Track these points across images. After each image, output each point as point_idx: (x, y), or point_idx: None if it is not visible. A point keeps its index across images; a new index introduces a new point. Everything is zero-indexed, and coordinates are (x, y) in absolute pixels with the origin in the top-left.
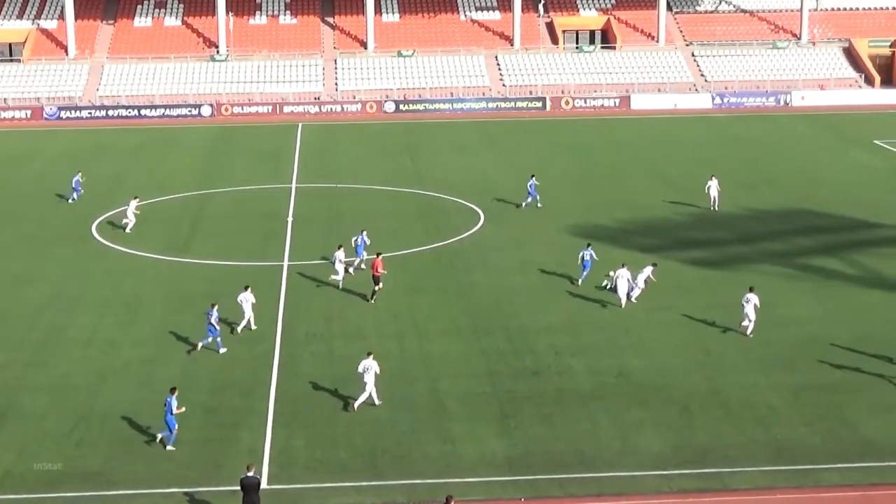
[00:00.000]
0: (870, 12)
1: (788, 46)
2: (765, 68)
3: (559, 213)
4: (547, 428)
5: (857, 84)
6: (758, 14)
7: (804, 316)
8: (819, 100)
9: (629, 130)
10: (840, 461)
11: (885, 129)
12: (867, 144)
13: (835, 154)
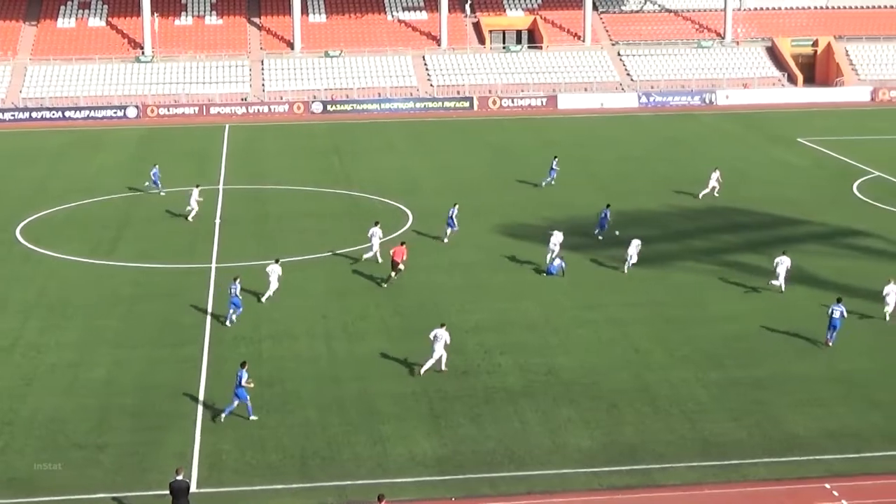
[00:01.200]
0: (792, 12)
1: (713, 46)
2: (690, 67)
3: (487, 213)
4: (477, 427)
5: (781, 83)
6: (682, 14)
7: (732, 313)
8: (743, 98)
9: (556, 130)
10: (766, 456)
11: (807, 127)
12: (791, 142)
13: (759, 152)
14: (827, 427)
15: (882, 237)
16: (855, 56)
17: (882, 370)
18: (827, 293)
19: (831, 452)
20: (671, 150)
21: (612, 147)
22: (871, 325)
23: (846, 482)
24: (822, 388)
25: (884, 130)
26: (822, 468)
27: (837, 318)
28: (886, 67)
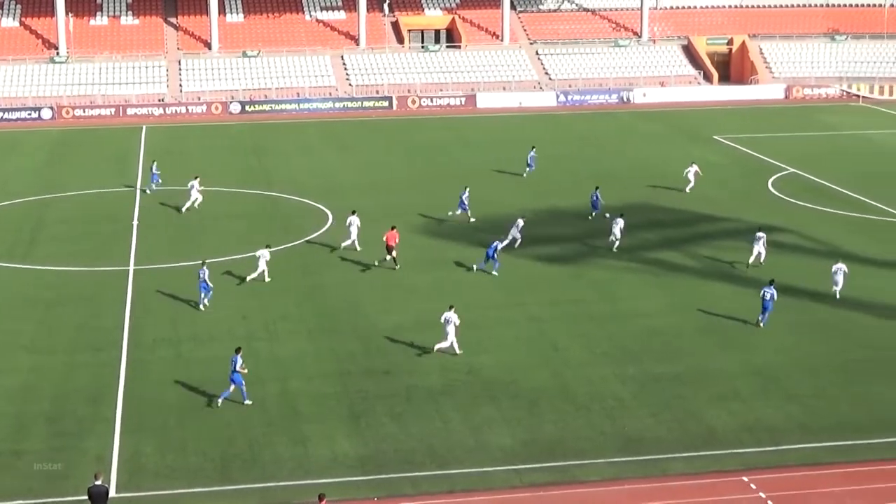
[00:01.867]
0: (707, 10)
1: (630, 45)
2: (607, 66)
3: (408, 213)
4: (398, 426)
5: (697, 81)
6: (599, 13)
7: (649, 309)
8: (660, 97)
9: (476, 129)
10: (685, 450)
11: (723, 124)
12: (707, 140)
13: (676, 150)
14: (744, 421)
15: (796, 232)
16: (769, 54)
17: (798, 364)
18: (743, 288)
19: (749, 446)
20: (589, 149)
21: (530, 145)
22: (787, 319)
23: (763, 475)
24: (739, 382)
25: (797, 127)
26: (740, 461)
27: (769, 301)
28: (800, 65)
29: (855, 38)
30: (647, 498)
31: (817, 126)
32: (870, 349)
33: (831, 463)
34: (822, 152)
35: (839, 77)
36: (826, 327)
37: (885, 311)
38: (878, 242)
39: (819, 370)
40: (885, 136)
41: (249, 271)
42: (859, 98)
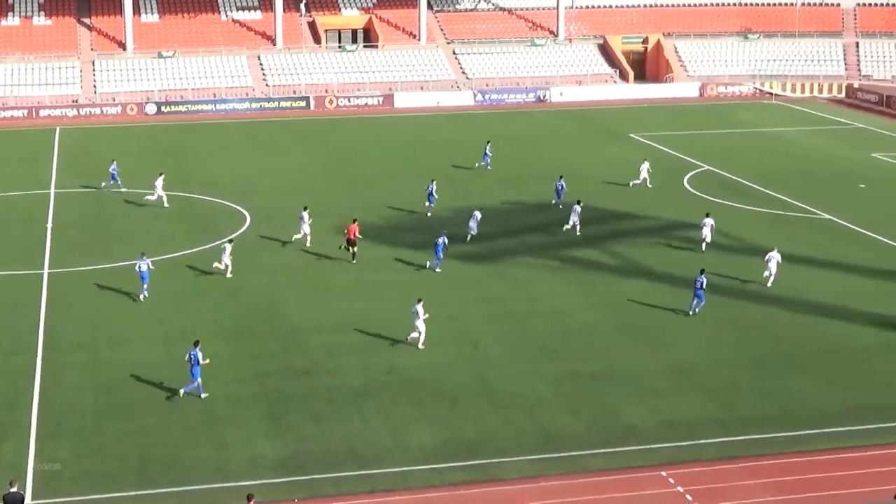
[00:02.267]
0: (622, 10)
1: (546, 44)
2: (524, 65)
3: (327, 213)
4: (318, 427)
5: (613, 79)
6: (516, 12)
7: (567, 307)
8: (577, 95)
9: (394, 128)
10: (604, 447)
11: (639, 123)
12: (623, 138)
13: (593, 148)
14: (662, 416)
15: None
16: (684, 53)
17: (714, 359)
18: (662, 285)
19: (667, 441)
20: (507, 148)
21: (448, 145)
22: (703, 315)
23: (681, 469)
24: (656, 378)
25: (712, 125)
26: (659, 457)
27: (701, 290)
28: (714, 64)
29: (767, 37)
30: (566, 494)
31: (731, 123)
32: (783, 344)
33: (746, 456)
34: (737, 149)
35: (752, 75)
36: (740, 322)
37: (798, 306)
38: (791, 238)
39: (734, 365)
40: (797, 132)
41: (166, 273)
42: (772, 96)
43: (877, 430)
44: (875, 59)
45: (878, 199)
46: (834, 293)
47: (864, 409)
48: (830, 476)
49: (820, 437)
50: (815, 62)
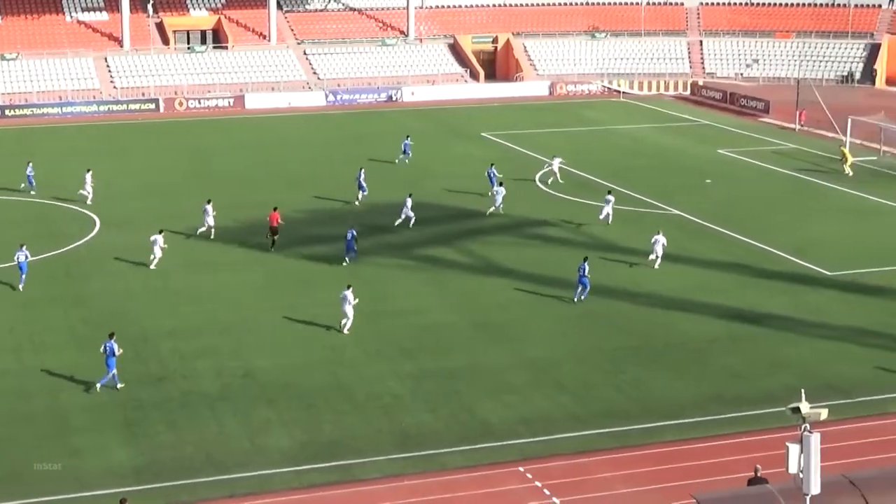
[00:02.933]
0: (472, 10)
1: (397, 44)
2: (375, 65)
3: (179, 216)
4: (174, 434)
5: (464, 79)
6: (366, 12)
7: (422, 305)
8: (428, 95)
9: (246, 130)
10: (462, 444)
11: (490, 121)
12: (475, 137)
13: (445, 147)
14: (518, 412)
15: (562, 226)
16: (533, 52)
17: (568, 355)
18: (514, 282)
19: (524, 437)
20: (360, 148)
21: (301, 146)
22: (556, 312)
23: (538, 464)
24: (512, 375)
25: (562, 123)
26: (516, 452)
27: (585, 278)
28: (563, 63)
29: (614, 36)
30: (426, 492)
31: (581, 121)
32: (635, 338)
33: (602, 449)
34: (586, 147)
35: (600, 73)
36: (594, 318)
37: (648, 300)
38: (641, 233)
39: (587, 359)
40: (644, 130)
41: (14, 281)
42: (620, 94)
43: (727, 419)
44: (719, 57)
45: (724, 194)
46: (683, 287)
47: (715, 399)
48: (684, 466)
49: (673, 428)
50: (661, 60)
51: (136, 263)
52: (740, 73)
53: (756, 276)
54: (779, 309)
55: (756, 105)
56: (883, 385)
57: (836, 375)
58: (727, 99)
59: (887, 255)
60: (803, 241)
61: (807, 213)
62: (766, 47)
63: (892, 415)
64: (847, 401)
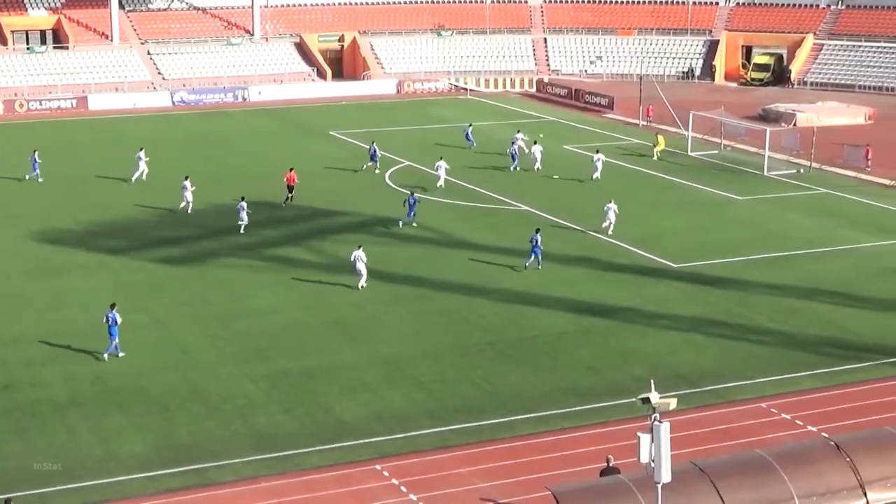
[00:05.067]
0: (317, 8)
1: (242, 43)
2: (221, 65)
3: (20, 220)
4: (23, 442)
5: (311, 77)
6: (210, 11)
7: (275, 306)
8: (276, 94)
9: (89, 131)
10: (318, 444)
11: (339, 120)
12: (323, 135)
13: (294, 146)
14: (374, 410)
15: (415, 224)
16: (380, 50)
17: (422, 352)
18: (367, 281)
19: (380, 434)
20: (208, 148)
21: (146, 147)
22: (408, 309)
23: (395, 461)
24: (367, 373)
25: (409, 121)
26: (372, 450)
27: (537, 247)
28: (410, 61)
29: (460, 34)
30: (283, 494)
31: (429, 119)
32: (488, 333)
33: (458, 445)
34: (435, 144)
35: (447, 71)
36: (446, 314)
37: (499, 296)
38: (491, 229)
39: (442, 356)
40: (492, 126)
41: None
42: (467, 91)
43: (580, 412)
44: (563, 55)
45: (570, 188)
46: (534, 282)
47: (568, 392)
48: (539, 459)
49: (527, 421)
50: (507, 58)
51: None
52: (584, 69)
53: (604, 270)
54: (626, 301)
55: (600, 101)
56: (729, 374)
57: (683, 365)
58: (572, 95)
59: (730, 246)
60: (648, 233)
61: (652, 207)
62: (609, 44)
63: (739, 402)
64: (694, 390)
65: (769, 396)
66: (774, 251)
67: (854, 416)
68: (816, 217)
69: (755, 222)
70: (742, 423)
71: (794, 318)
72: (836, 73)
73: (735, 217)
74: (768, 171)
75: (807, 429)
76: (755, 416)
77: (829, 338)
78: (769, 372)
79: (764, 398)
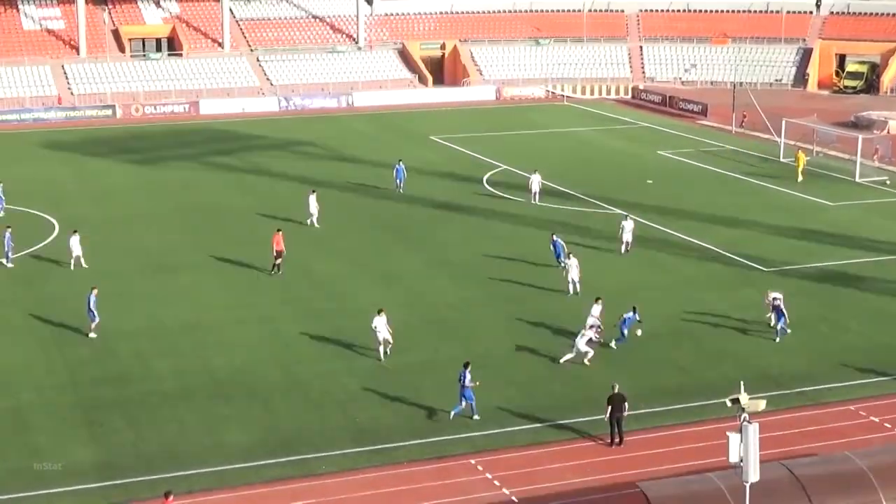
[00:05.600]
0: (419, 17)
1: (347, 50)
2: (327, 71)
3: (139, 219)
4: (135, 432)
5: (412, 84)
6: (318, 20)
7: (374, 303)
8: (378, 100)
9: (200, 134)
10: (415, 437)
11: (439, 125)
12: (424, 140)
13: (395, 150)
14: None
15: (510, 224)
16: (479, 58)
17: (513, 350)
18: (451, 280)
19: (475, 430)
20: (313, 149)
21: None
22: (506, 310)
23: (489, 456)
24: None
25: (508, 127)
26: (468, 445)
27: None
28: (508, 68)
29: (558, 42)
30: (381, 486)
31: (526, 125)
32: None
33: (551, 441)
34: (532, 149)
35: (544, 78)
36: (539, 313)
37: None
38: (585, 234)
39: (532, 354)
40: (589, 132)
41: None
42: (563, 98)
43: (672, 411)
44: (658, 62)
45: (665, 194)
46: (623, 283)
47: (657, 390)
48: (631, 456)
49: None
50: (603, 65)
51: (95, 266)
52: (679, 77)
53: (694, 272)
54: (717, 304)
55: (694, 108)
56: (818, 376)
57: (772, 367)
58: (666, 102)
59: (820, 251)
60: (739, 237)
61: (742, 210)
62: (703, 52)
63: (827, 404)
64: (784, 391)
65: (858, 399)
66: (864, 256)
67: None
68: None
69: (846, 227)
70: (831, 424)
71: (882, 321)
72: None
73: (826, 222)
74: (860, 177)
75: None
76: (844, 418)
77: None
78: (858, 375)
79: (852, 401)
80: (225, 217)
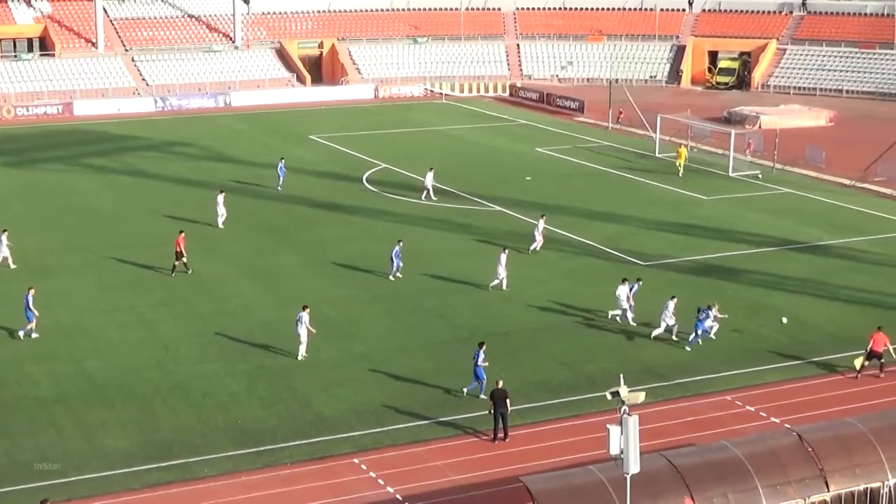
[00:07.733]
0: (297, 16)
1: (224, 49)
2: (203, 71)
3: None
4: (9, 440)
5: (291, 83)
6: (194, 19)
7: (255, 304)
8: (257, 99)
9: (72, 135)
10: (298, 438)
11: (318, 124)
12: (303, 139)
13: (275, 150)
14: (352, 405)
15: (390, 221)
16: (357, 56)
17: (396, 347)
18: (333, 280)
19: (357, 429)
20: (190, 150)
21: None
22: (382, 307)
23: (372, 455)
24: (345, 369)
25: (387, 125)
26: (350, 444)
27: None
28: (386, 67)
29: (435, 40)
30: (265, 488)
31: (406, 123)
32: (459, 329)
33: (434, 438)
34: (411, 147)
35: (423, 77)
36: (422, 311)
37: (474, 294)
38: (465, 230)
39: (414, 352)
40: (467, 130)
41: None
42: (442, 96)
43: (551, 405)
44: (535, 60)
45: (544, 190)
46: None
47: (539, 386)
48: (516, 451)
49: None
50: (481, 63)
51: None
52: (556, 74)
53: (575, 267)
54: (595, 299)
55: (571, 105)
56: (697, 367)
57: (653, 359)
58: (544, 99)
59: (694, 245)
60: (617, 233)
61: (619, 206)
62: (580, 50)
63: (705, 395)
64: (664, 383)
65: (734, 389)
66: (738, 249)
67: (815, 408)
68: (778, 215)
69: (720, 221)
70: (708, 414)
71: (757, 313)
72: (798, 77)
73: (701, 216)
74: (733, 171)
75: (770, 420)
76: (721, 408)
77: (791, 332)
78: (734, 365)
79: (729, 391)
80: (102, 219)
